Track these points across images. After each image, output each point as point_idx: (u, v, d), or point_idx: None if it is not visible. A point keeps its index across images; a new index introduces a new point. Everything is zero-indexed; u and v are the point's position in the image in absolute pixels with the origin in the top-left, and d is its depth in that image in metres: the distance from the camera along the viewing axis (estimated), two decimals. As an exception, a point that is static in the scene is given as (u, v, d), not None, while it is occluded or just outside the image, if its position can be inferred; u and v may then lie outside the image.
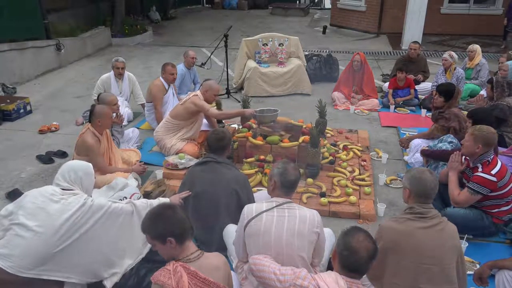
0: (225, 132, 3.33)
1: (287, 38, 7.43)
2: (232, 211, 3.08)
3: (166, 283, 1.91)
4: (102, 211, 2.60)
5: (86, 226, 2.53)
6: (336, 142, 5.10)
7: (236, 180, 3.16)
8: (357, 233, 1.99)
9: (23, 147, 5.20)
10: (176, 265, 1.99)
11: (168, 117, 4.84)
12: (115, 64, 5.75)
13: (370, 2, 12.36)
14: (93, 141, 3.88)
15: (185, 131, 4.79)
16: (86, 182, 2.77)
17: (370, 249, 1.94)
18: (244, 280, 2.58)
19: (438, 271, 2.30)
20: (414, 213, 2.41)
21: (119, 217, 2.69)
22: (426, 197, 2.43)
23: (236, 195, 3.12)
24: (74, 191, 2.65)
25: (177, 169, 4.40)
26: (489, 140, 3.20)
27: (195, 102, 4.62)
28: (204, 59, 7.41)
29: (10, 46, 7.56)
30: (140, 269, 2.79)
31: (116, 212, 2.67)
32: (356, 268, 1.97)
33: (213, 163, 3.21)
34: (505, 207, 3.30)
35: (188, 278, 1.94)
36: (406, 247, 2.33)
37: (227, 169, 3.20)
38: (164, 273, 1.96)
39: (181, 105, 4.74)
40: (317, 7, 20.19)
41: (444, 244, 2.33)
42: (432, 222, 2.36)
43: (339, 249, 2.00)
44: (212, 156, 3.24)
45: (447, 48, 9.89)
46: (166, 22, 15.19)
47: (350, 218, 3.75)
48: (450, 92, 4.54)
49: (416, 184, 2.44)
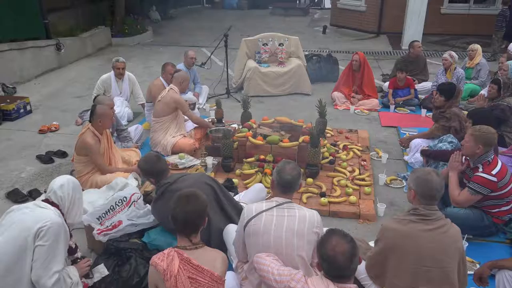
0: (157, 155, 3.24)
1: (287, 38, 7.43)
2: (219, 210, 3.07)
3: (159, 264, 2.09)
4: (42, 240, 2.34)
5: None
6: (336, 142, 5.10)
7: (202, 181, 3.06)
8: (328, 240, 1.98)
9: (23, 147, 5.21)
10: (171, 250, 2.15)
11: (152, 118, 4.94)
12: (115, 65, 5.74)
13: (370, 2, 12.34)
14: (93, 141, 3.89)
15: (173, 126, 4.87)
16: (78, 206, 2.66)
17: (346, 251, 1.92)
18: (244, 280, 2.58)
19: (438, 273, 2.29)
20: (418, 214, 2.38)
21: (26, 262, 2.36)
22: (431, 198, 2.39)
23: (213, 193, 3.04)
24: (51, 206, 2.51)
25: (177, 169, 4.40)
26: (489, 140, 3.20)
27: (175, 99, 4.75)
28: (204, 59, 7.40)
29: (10, 46, 7.56)
30: (140, 269, 2.79)
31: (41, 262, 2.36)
32: (340, 275, 1.96)
33: (168, 187, 3.00)
34: (505, 207, 3.29)
35: (180, 263, 2.09)
36: (408, 249, 2.32)
37: (184, 182, 3.01)
38: (159, 256, 2.14)
39: (159, 102, 4.84)
40: (317, 7, 20.18)
41: (446, 247, 2.31)
42: (436, 225, 2.34)
43: (319, 260, 2.01)
44: (163, 184, 3.03)
45: (447, 48, 9.87)
46: (166, 22, 15.18)
47: (350, 218, 3.74)
48: (450, 91, 4.55)
49: (422, 185, 2.40)
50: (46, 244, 2.35)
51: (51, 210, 2.49)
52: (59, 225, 2.43)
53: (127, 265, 2.81)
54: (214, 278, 2.11)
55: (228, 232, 2.97)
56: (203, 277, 2.09)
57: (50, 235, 2.36)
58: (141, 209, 3.33)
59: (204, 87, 6.83)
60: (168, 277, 2.05)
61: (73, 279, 2.53)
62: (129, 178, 3.95)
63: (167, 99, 4.76)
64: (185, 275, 2.06)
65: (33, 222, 2.37)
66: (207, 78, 7.58)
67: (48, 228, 2.36)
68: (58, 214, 2.50)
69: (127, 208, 3.31)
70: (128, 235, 3.09)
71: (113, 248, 2.92)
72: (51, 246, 2.37)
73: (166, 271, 2.05)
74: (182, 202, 2.22)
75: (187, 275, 2.07)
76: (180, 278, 2.05)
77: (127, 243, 2.97)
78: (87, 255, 3.20)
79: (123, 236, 3.05)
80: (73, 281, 2.53)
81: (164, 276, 2.05)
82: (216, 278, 2.12)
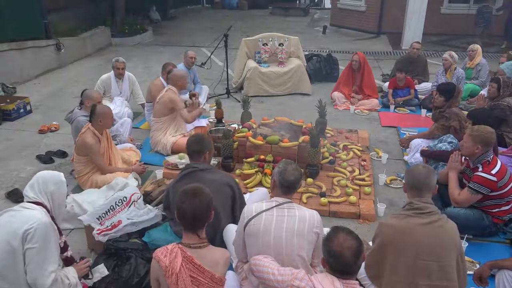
0: (204, 136, 3.23)
1: (287, 38, 7.43)
2: (230, 212, 3.08)
3: (161, 260, 2.08)
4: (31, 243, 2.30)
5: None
6: (336, 142, 5.10)
7: (225, 182, 3.06)
8: (336, 236, 1.98)
9: (23, 147, 5.20)
10: (175, 246, 2.14)
11: (152, 118, 4.96)
12: (115, 65, 5.74)
13: (370, 2, 12.35)
14: (93, 141, 3.89)
15: (173, 126, 4.89)
16: (57, 196, 2.57)
17: (353, 247, 1.94)
18: (244, 280, 2.58)
19: (436, 268, 2.30)
20: (413, 208, 2.42)
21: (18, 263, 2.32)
22: (418, 188, 2.46)
23: (231, 196, 3.06)
24: (36, 206, 2.46)
25: (177, 169, 4.40)
26: (488, 139, 3.21)
27: (171, 99, 4.75)
28: (204, 59, 7.40)
29: (10, 46, 7.56)
30: (140, 269, 2.79)
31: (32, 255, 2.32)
32: (346, 271, 1.97)
33: (196, 172, 3.03)
34: (505, 206, 3.30)
35: (183, 261, 2.08)
36: (405, 243, 2.34)
37: (212, 174, 3.06)
38: (163, 251, 2.13)
39: (157, 103, 4.86)
40: (317, 7, 20.20)
41: (443, 241, 2.34)
42: (431, 219, 2.37)
43: (325, 257, 2.01)
44: (192, 165, 3.08)
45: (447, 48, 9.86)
46: (166, 22, 15.18)
47: (350, 218, 3.75)
48: (450, 91, 4.55)
49: (408, 176, 2.55)
50: (36, 246, 2.31)
51: (37, 209, 2.43)
52: (46, 225, 2.37)
53: (127, 265, 2.81)
54: (215, 280, 2.11)
55: (228, 232, 2.97)
56: (203, 277, 2.09)
57: (38, 237, 2.31)
58: (141, 209, 3.33)
59: (204, 87, 6.82)
60: (169, 274, 2.05)
61: (71, 280, 2.52)
62: (129, 178, 3.95)
63: (164, 99, 4.78)
64: (186, 274, 2.06)
65: (19, 225, 2.31)
66: (207, 78, 7.58)
67: (35, 230, 2.30)
68: (44, 213, 2.44)
69: (127, 208, 3.31)
70: (128, 235, 3.09)
71: (113, 248, 2.92)
72: (42, 247, 2.33)
73: (168, 268, 2.05)
74: (189, 196, 2.18)
75: (188, 273, 2.06)
76: (182, 276, 2.05)
77: (127, 243, 2.97)
78: (87, 255, 3.20)
79: (123, 236, 3.05)
80: (71, 283, 2.51)
81: (166, 273, 2.06)
82: (216, 280, 2.12)
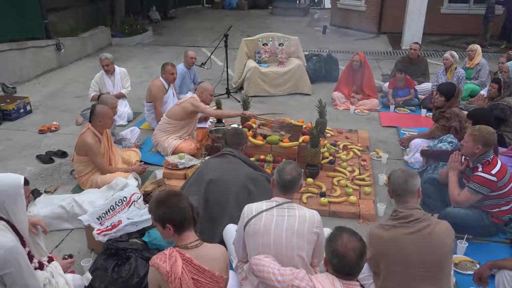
0: (242, 129, 3.71)
1: (287, 38, 7.43)
2: (242, 203, 3.06)
3: (161, 266, 2.01)
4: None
5: None
6: (336, 142, 5.10)
7: (248, 176, 3.28)
8: (340, 237, 1.98)
9: (23, 147, 5.20)
10: (172, 250, 2.09)
11: (164, 117, 4.89)
12: (100, 62, 5.86)
13: (370, 2, 12.33)
14: (93, 141, 3.89)
15: (180, 131, 4.85)
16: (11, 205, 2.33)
17: (357, 248, 1.94)
18: (244, 280, 2.58)
19: (429, 275, 2.28)
20: (397, 218, 2.38)
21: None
22: (399, 195, 2.44)
23: (248, 190, 3.22)
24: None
25: (177, 169, 4.40)
26: (489, 140, 3.20)
27: (192, 103, 4.69)
28: (204, 59, 7.40)
29: (10, 46, 7.56)
30: (140, 269, 2.79)
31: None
32: (349, 272, 1.97)
33: (229, 156, 3.38)
34: (505, 206, 3.29)
35: (183, 264, 2.04)
36: (394, 254, 2.31)
37: (241, 165, 3.36)
38: (161, 257, 2.06)
39: (178, 106, 4.79)
40: (317, 7, 20.19)
41: (432, 249, 2.29)
42: (418, 227, 2.31)
43: (328, 257, 2.00)
44: (229, 150, 3.41)
45: (447, 48, 9.87)
46: (166, 22, 15.17)
47: (350, 218, 3.75)
48: (451, 91, 4.55)
49: (389, 182, 2.55)
50: (11, 270, 2.22)
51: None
52: (11, 247, 2.23)
53: (127, 265, 2.81)
54: (215, 278, 2.11)
55: (228, 232, 2.98)
56: (204, 277, 2.08)
57: (8, 263, 2.21)
58: (141, 209, 3.33)
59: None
60: (172, 279, 2.00)
61: (59, 280, 2.54)
62: (129, 178, 3.95)
63: (185, 103, 4.73)
64: (189, 276, 2.03)
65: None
66: (207, 78, 7.57)
67: (4, 258, 2.19)
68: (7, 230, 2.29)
69: (127, 208, 3.32)
70: (128, 235, 3.08)
71: (113, 248, 2.92)
72: (17, 269, 2.24)
73: (170, 273, 2.00)
74: (173, 201, 2.13)
75: (190, 276, 2.04)
76: (185, 279, 2.02)
77: (127, 243, 2.97)
78: (87, 255, 3.21)
79: (123, 236, 3.05)
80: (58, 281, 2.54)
81: (168, 278, 2.00)
82: (216, 278, 2.11)
